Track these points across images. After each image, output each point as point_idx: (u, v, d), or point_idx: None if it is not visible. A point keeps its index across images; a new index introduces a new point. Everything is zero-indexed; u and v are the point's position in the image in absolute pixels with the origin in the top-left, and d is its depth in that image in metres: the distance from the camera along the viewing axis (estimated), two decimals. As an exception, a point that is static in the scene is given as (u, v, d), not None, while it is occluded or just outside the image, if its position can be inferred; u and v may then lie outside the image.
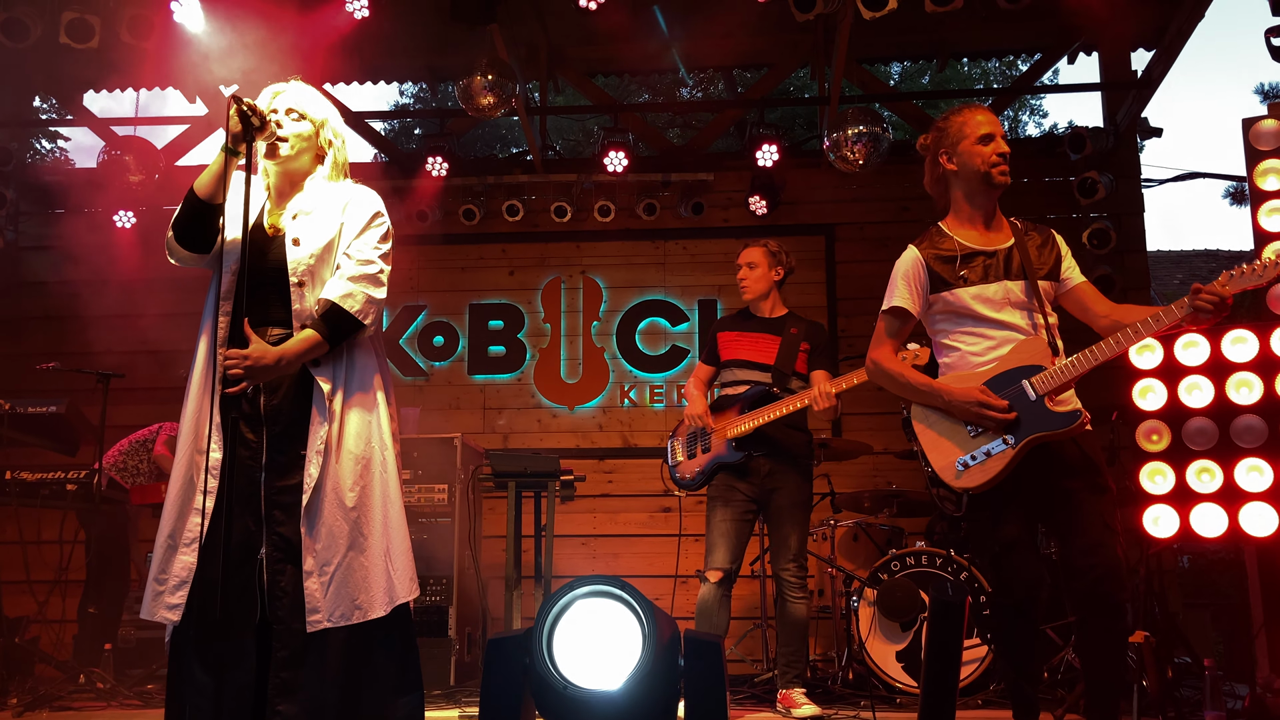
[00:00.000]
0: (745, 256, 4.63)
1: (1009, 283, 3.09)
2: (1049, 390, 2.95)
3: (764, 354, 4.45)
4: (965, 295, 3.10)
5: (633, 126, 7.44)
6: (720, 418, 4.41)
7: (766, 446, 4.33)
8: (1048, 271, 3.14)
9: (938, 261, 3.16)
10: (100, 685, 4.85)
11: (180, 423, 2.72)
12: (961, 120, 3.18)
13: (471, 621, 5.60)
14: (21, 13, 5.63)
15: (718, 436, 4.37)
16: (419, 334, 7.35)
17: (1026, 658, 3.06)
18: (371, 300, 2.74)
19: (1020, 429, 2.95)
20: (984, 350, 3.10)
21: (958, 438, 3.06)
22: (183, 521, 2.63)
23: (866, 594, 4.93)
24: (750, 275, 4.58)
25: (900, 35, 7.36)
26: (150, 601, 2.62)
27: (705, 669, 2.12)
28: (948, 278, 3.13)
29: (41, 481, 4.98)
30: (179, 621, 2.58)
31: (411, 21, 6.50)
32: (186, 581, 2.58)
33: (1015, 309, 3.08)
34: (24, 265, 7.44)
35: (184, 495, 2.65)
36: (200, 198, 2.71)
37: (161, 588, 2.61)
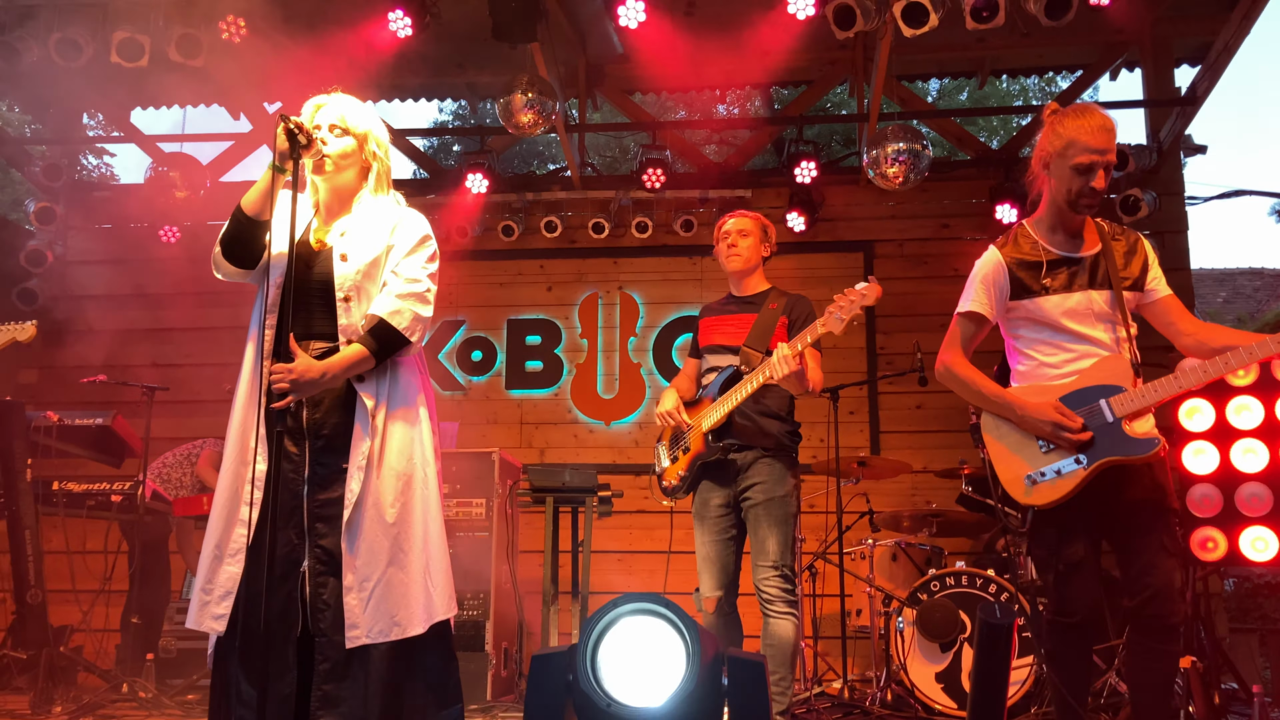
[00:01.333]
0: (736, 224, 4.05)
1: (1093, 292, 2.95)
2: (1128, 413, 2.83)
3: (736, 334, 3.93)
4: (1047, 305, 2.97)
5: (670, 143, 7.47)
6: (695, 412, 3.89)
7: (740, 437, 3.78)
8: (1133, 281, 2.98)
9: (1020, 267, 3.03)
10: (143, 694, 4.90)
11: (227, 435, 2.76)
12: (1071, 136, 2.94)
13: (508, 636, 5.61)
14: (74, 33, 5.76)
15: (695, 433, 3.85)
16: (458, 349, 7.40)
17: (1080, 679, 2.95)
18: (419, 318, 2.76)
19: (1094, 450, 2.83)
20: (1061, 363, 2.98)
21: (1028, 452, 2.94)
22: (228, 532, 2.66)
23: (905, 614, 4.88)
24: (741, 243, 4.01)
25: (940, 52, 7.34)
26: (197, 611, 2.65)
27: (749, 688, 2.11)
28: (1030, 285, 3.00)
29: (88, 492, 5.06)
30: (224, 632, 2.60)
31: (452, 40, 6.58)
32: (231, 592, 2.60)
33: (1099, 321, 2.95)
34: (71, 279, 7.57)
35: (230, 506, 2.68)
36: (247, 214, 2.74)
37: (208, 598, 2.63)
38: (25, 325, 3.35)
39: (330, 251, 2.77)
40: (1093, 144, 2.90)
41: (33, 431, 4.83)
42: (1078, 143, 2.91)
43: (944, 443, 6.68)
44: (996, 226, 6.85)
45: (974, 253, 7.54)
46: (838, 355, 6.61)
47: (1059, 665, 2.99)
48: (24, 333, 3.34)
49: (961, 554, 5.63)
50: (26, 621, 4.67)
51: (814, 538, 6.18)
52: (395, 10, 5.57)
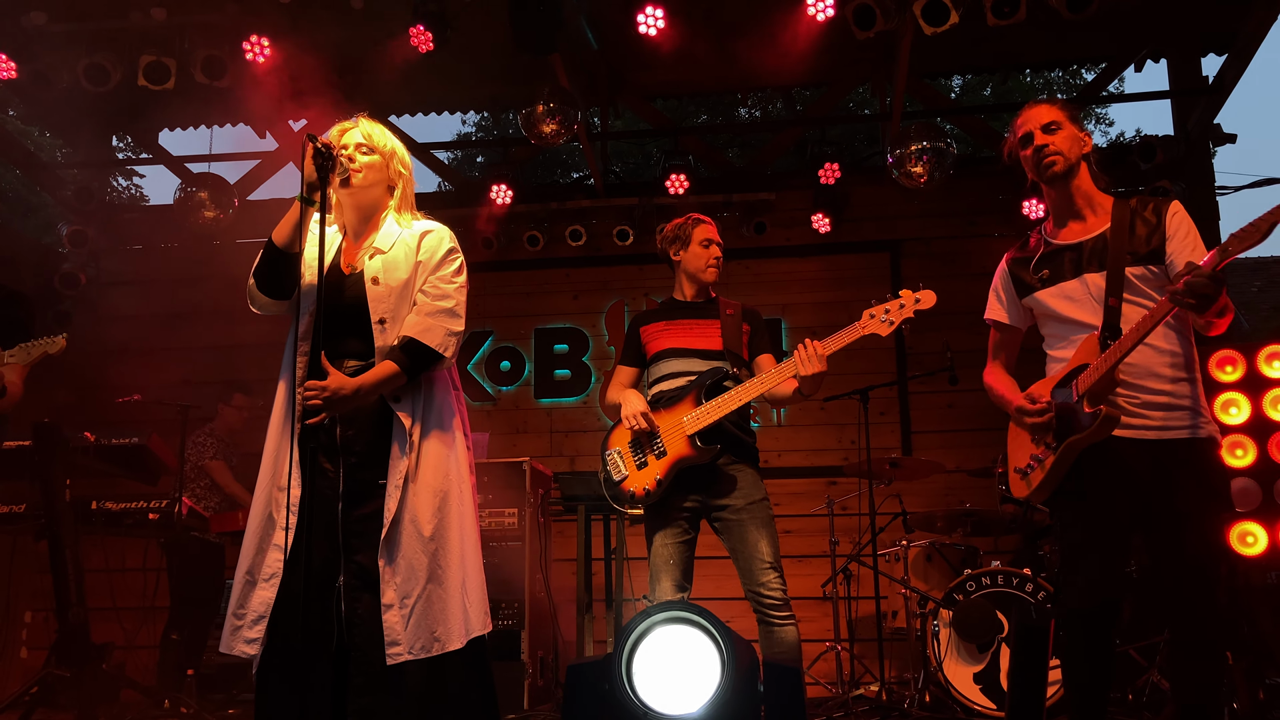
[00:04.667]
0: (710, 232, 3.94)
1: (1088, 275, 2.94)
2: (1085, 389, 2.80)
3: (705, 338, 3.79)
4: (1043, 297, 3.02)
5: (692, 148, 7.47)
6: (664, 416, 3.68)
7: (725, 442, 3.64)
8: (1148, 253, 2.88)
9: (1017, 265, 3.09)
10: (184, 710, 4.95)
11: (262, 461, 2.79)
12: (1015, 126, 3.10)
13: (544, 645, 5.62)
14: (102, 58, 5.84)
15: (673, 436, 3.62)
16: (486, 359, 7.43)
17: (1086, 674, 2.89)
18: (450, 333, 2.80)
19: (1059, 433, 2.86)
20: (1062, 353, 2.99)
21: (1022, 446, 3.01)
22: (261, 557, 2.68)
23: (942, 615, 4.85)
24: (720, 254, 3.94)
25: (962, 48, 7.30)
26: (229, 636, 2.68)
27: (786, 695, 2.11)
28: (1028, 280, 3.05)
29: (125, 511, 5.11)
30: (256, 655, 2.62)
31: (474, 52, 6.60)
32: (264, 616, 2.62)
33: (1099, 303, 2.90)
34: (104, 300, 7.66)
35: (263, 530, 2.71)
36: (279, 247, 2.77)
37: (240, 622, 2.66)
38: (55, 339, 3.39)
39: (361, 275, 2.81)
40: (1020, 120, 3.06)
41: (70, 452, 4.88)
42: (1016, 124, 3.08)
43: (977, 441, 6.63)
44: (1024, 222, 6.80)
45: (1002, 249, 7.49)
46: (866, 356, 6.57)
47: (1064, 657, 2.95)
48: (54, 345, 3.38)
49: (997, 553, 5.58)
50: (69, 640, 4.72)
51: (847, 540, 6.15)
52: (416, 25, 5.60)
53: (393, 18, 5.81)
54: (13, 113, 13.83)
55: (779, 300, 7.15)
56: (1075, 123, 3.04)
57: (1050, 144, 2.98)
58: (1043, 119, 3.02)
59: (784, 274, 7.25)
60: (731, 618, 3.36)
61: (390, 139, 2.95)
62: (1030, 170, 3.05)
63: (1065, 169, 2.98)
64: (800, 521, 6.60)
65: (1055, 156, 2.98)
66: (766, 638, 3.55)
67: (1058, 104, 3.06)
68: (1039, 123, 3.02)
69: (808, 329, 7.03)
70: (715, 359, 3.75)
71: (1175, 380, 2.85)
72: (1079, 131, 3.03)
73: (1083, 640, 2.89)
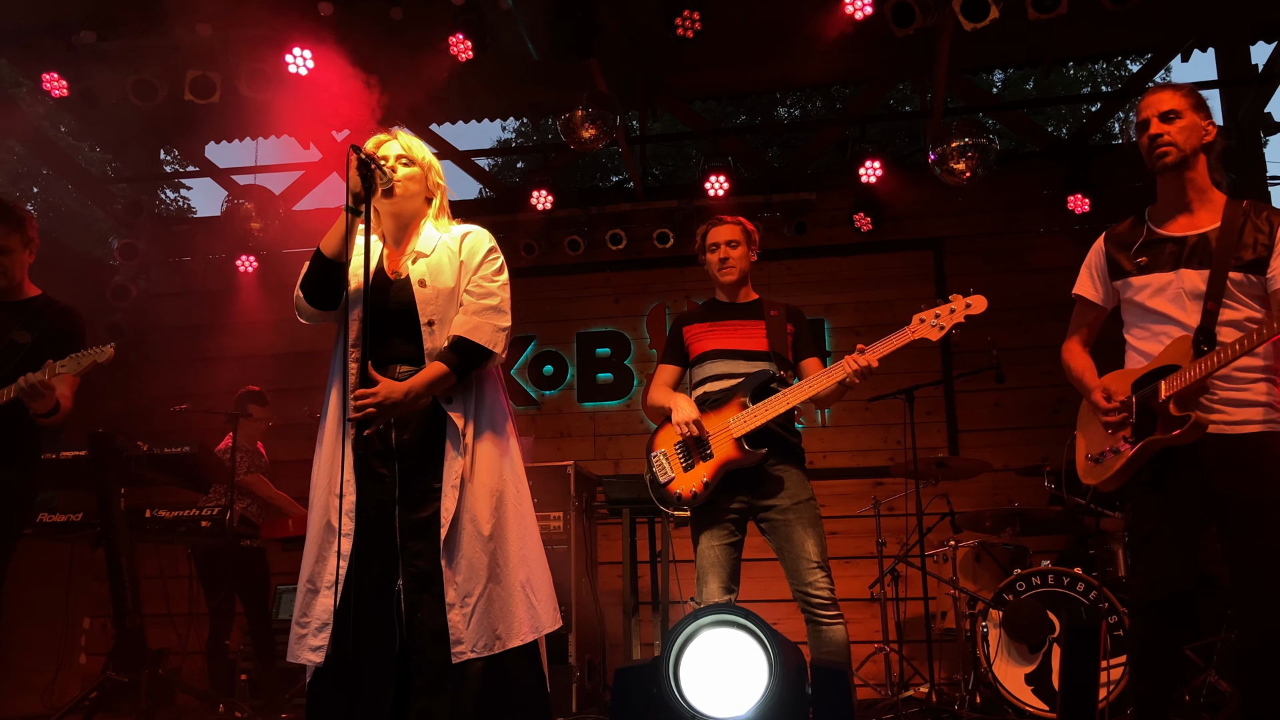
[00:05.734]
0: (723, 234, 3.94)
1: (1185, 271, 2.88)
2: (1175, 392, 2.78)
3: (750, 340, 3.78)
4: (1134, 283, 2.96)
5: (732, 149, 7.45)
6: (711, 418, 3.68)
7: (771, 444, 3.64)
8: (1250, 260, 2.83)
9: (1116, 246, 3.03)
10: (238, 715, 5.03)
11: (313, 467, 2.83)
12: (1138, 108, 3.03)
13: (591, 648, 5.63)
14: (149, 74, 5.95)
15: (721, 438, 3.62)
16: (529, 364, 7.46)
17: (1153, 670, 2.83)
18: (498, 329, 2.83)
19: (1140, 431, 2.85)
20: (1146, 346, 2.96)
21: (1096, 434, 2.98)
22: (322, 565, 2.72)
23: (991, 615, 4.79)
24: (733, 254, 3.89)
25: (1002, 43, 7.22)
26: (294, 645, 2.71)
27: (834, 698, 2.10)
28: (1123, 264, 2.99)
29: (178, 519, 5.21)
30: (321, 663, 2.65)
31: (512, 59, 6.64)
32: (328, 624, 2.65)
33: (1191, 300, 2.85)
34: (155, 311, 7.81)
35: (322, 538, 2.74)
36: (328, 257, 2.81)
37: (304, 631, 2.69)
38: (104, 348, 3.45)
39: (407, 280, 2.84)
40: (1142, 103, 3.02)
41: (124, 461, 4.98)
42: (1137, 110, 3.03)
43: (1025, 440, 6.56)
44: (1069, 217, 6.72)
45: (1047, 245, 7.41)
46: (911, 355, 6.46)
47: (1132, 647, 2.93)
48: (103, 354, 3.44)
49: (1047, 553, 5.51)
50: (126, 646, 4.81)
51: (894, 541, 6.10)
52: (455, 34, 5.64)
53: (432, 27, 5.86)
54: (64, 129, 14.16)
55: (821, 300, 7.11)
56: (1197, 111, 2.95)
57: (1166, 133, 2.92)
58: (1162, 106, 2.95)
59: (826, 274, 7.22)
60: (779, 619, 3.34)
61: (428, 151, 3.01)
62: (1144, 157, 3.00)
63: (1177, 160, 2.92)
64: (847, 522, 6.56)
65: (1168, 147, 2.92)
66: (815, 638, 3.53)
67: (1181, 91, 2.97)
68: (1157, 110, 2.95)
69: (850, 329, 7.01)
70: (761, 360, 3.73)
71: (1254, 379, 2.84)
72: (1200, 121, 2.95)
73: (1151, 632, 2.85)
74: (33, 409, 3.40)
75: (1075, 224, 6.74)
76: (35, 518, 5.03)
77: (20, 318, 3.62)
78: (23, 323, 3.61)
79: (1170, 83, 3.06)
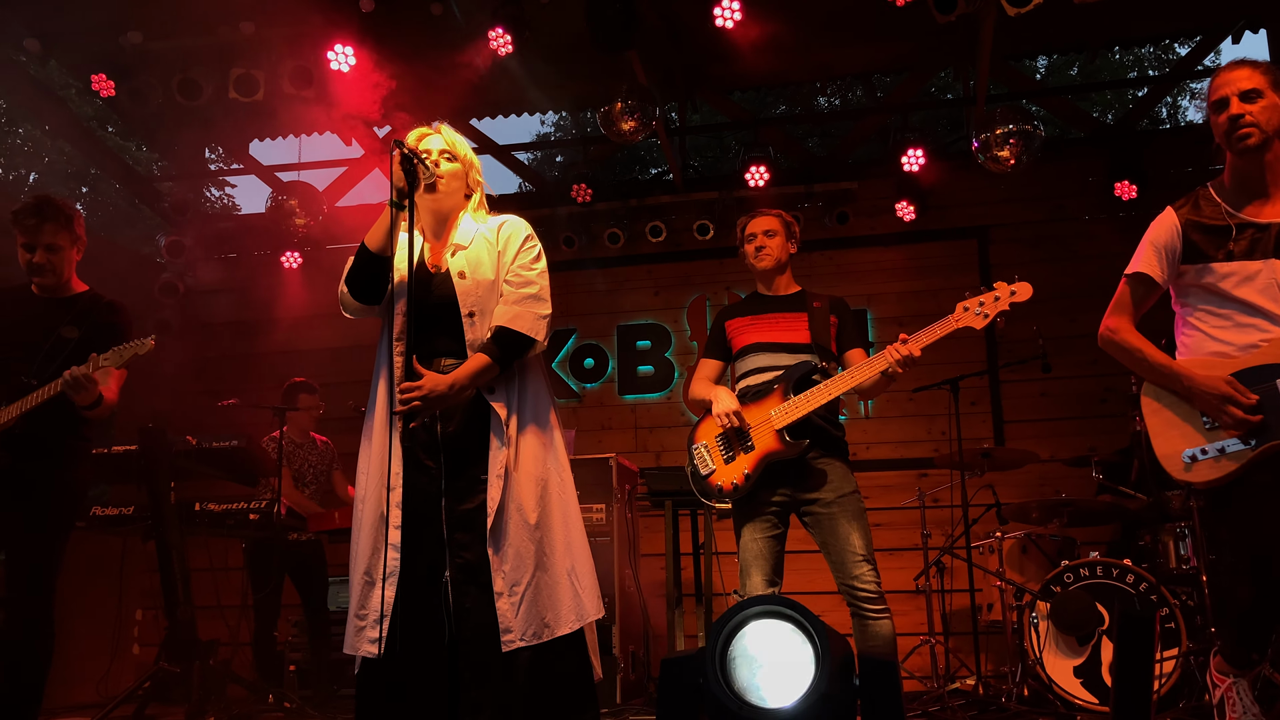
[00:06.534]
0: (760, 224, 3.91)
1: (1276, 262, 2.75)
2: None
3: (792, 332, 3.75)
4: (1222, 271, 2.81)
5: (772, 140, 7.41)
6: (752, 410, 3.66)
7: (814, 437, 3.61)
8: None
9: (1198, 229, 2.87)
10: (287, 705, 5.09)
11: (359, 459, 2.85)
12: (1212, 87, 2.88)
13: (635, 640, 5.65)
14: (194, 73, 6.03)
15: (762, 430, 3.60)
16: (570, 357, 7.49)
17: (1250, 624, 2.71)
18: (539, 317, 2.85)
19: (1266, 432, 2.66)
20: (1228, 335, 2.81)
21: (1191, 427, 2.79)
22: (377, 557, 2.74)
23: (1039, 607, 4.74)
24: (770, 243, 3.86)
25: (1046, 27, 7.11)
26: (353, 636, 2.74)
27: (882, 690, 2.08)
28: (1206, 249, 2.84)
29: (227, 512, 5.27)
30: (380, 654, 2.67)
31: (551, 52, 6.65)
32: (386, 615, 2.68)
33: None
34: (202, 308, 7.92)
35: (375, 530, 2.77)
36: (373, 252, 2.84)
37: (362, 623, 2.73)
38: (145, 340, 3.51)
39: (447, 273, 2.86)
40: (1217, 82, 2.85)
41: (174, 455, 5.06)
42: (1213, 85, 2.87)
43: (1072, 430, 6.48)
44: (1115, 204, 6.61)
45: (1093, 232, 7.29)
46: (956, 345, 6.42)
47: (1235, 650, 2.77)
48: (144, 346, 3.49)
49: (1095, 544, 5.43)
50: (178, 637, 4.89)
51: (939, 532, 6.06)
52: (495, 29, 5.66)
53: (472, 21, 5.88)
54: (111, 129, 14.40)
55: (864, 291, 7.06)
56: (1277, 90, 2.81)
57: (1248, 114, 2.77)
58: (1242, 85, 2.80)
59: (868, 264, 7.17)
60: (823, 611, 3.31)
61: (468, 147, 3.03)
62: (1219, 138, 2.86)
63: (1260, 142, 2.78)
64: (891, 514, 6.53)
65: (1251, 129, 2.77)
66: (861, 631, 3.50)
67: (1261, 68, 2.83)
68: (1237, 89, 2.80)
69: (894, 319, 6.96)
70: (803, 353, 3.70)
71: None
72: None
73: None
74: (76, 401, 3.46)
75: (1122, 211, 6.63)
76: (88, 511, 5.12)
77: (68, 313, 3.69)
78: (70, 318, 3.68)
79: (1247, 59, 2.88)
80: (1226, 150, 2.85)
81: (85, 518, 5.05)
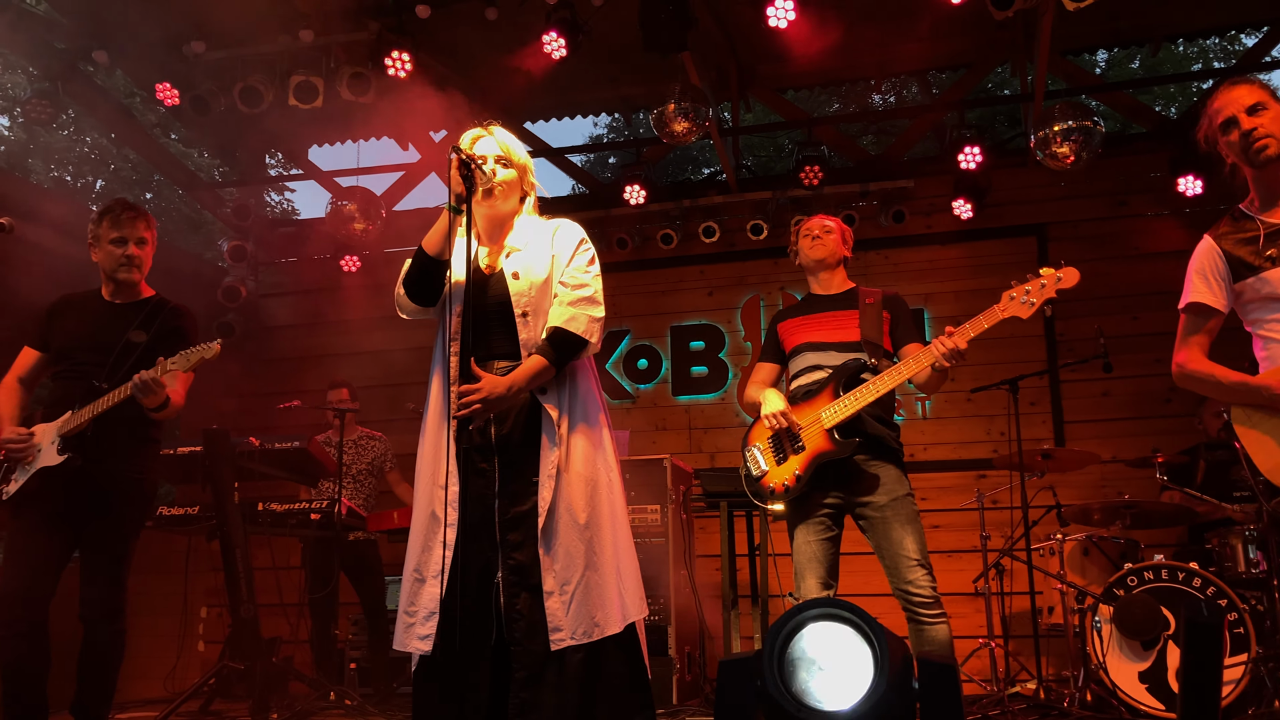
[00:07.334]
0: (817, 221, 3.92)
1: None
2: None
3: (842, 331, 3.72)
4: (1269, 278, 2.82)
5: (826, 138, 7.37)
6: (803, 411, 3.62)
7: (863, 434, 3.56)
8: None
9: (1237, 245, 2.89)
10: (348, 702, 5.17)
11: (418, 459, 2.89)
12: (1212, 110, 2.95)
13: (690, 641, 5.65)
14: (255, 81, 6.15)
15: (812, 430, 3.57)
16: (623, 358, 7.50)
17: None
18: (593, 319, 2.87)
19: None
20: None
21: None
22: (428, 555, 2.78)
23: (1102, 611, 4.66)
24: (826, 237, 3.85)
25: (1106, 21, 6.99)
26: (402, 633, 2.78)
27: (943, 694, 2.06)
28: (1251, 261, 2.86)
29: (289, 511, 5.37)
30: (429, 651, 2.71)
31: (604, 55, 6.68)
32: (435, 613, 2.71)
33: None
34: (264, 312, 8.07)
35: (428, 528, 2.81)
36: (430, 255, 2.88)
37: (412, 619, 2.76)
38: (211, 344, 3.58)
39: (501, 274, 2.89)
40: (1220, 103, 2.91)
41: (238, 456, 5.16)
42: (1212, 112, 2.93)
43: (1134, 430, 6.36)
44: (1179, 200, 6.48)
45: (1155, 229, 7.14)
46: (1015, 344, 6.39)
47: None
48: (210, 350, 3.57)
49: (1160, 547, 5.34)
50: (241, 634, 4.99)
51: (998, 534, 5.98)
52: (549, 33, 5.69)
53: (526, 26, 5.92)
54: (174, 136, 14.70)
55: (921, 290, 7.00)
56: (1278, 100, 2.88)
57: (1259, 126, 2.83)
58: (1245, 101, 2.87)
59: (925, 263, 7.10)
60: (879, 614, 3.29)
61: (523, 152, 3.05)
62: (1236, 155, 2.90)
63: (1279, 151, 2.83)
64: (949, 516, 6.46)
65: (1267, 140, 2.83)
66: (916, 636, 3.46)
67: (1256, 83, 2.90)
68: (1241, 106, 2.87)
69: (951, 319, 6.81)
70: (852, 350, 3.66)
71: None
72: None
73: None
74: (145, 404, 3.55)
75: (1186, 207, 6.50)
76: (154, 511, 5.24)
77: (136, 318, 3.79)
78: (139, 322, 3.77)
79: (1240, 78, 2.97)
80: (1245, 166, 2.90)
81: (152, 517, 5.16)
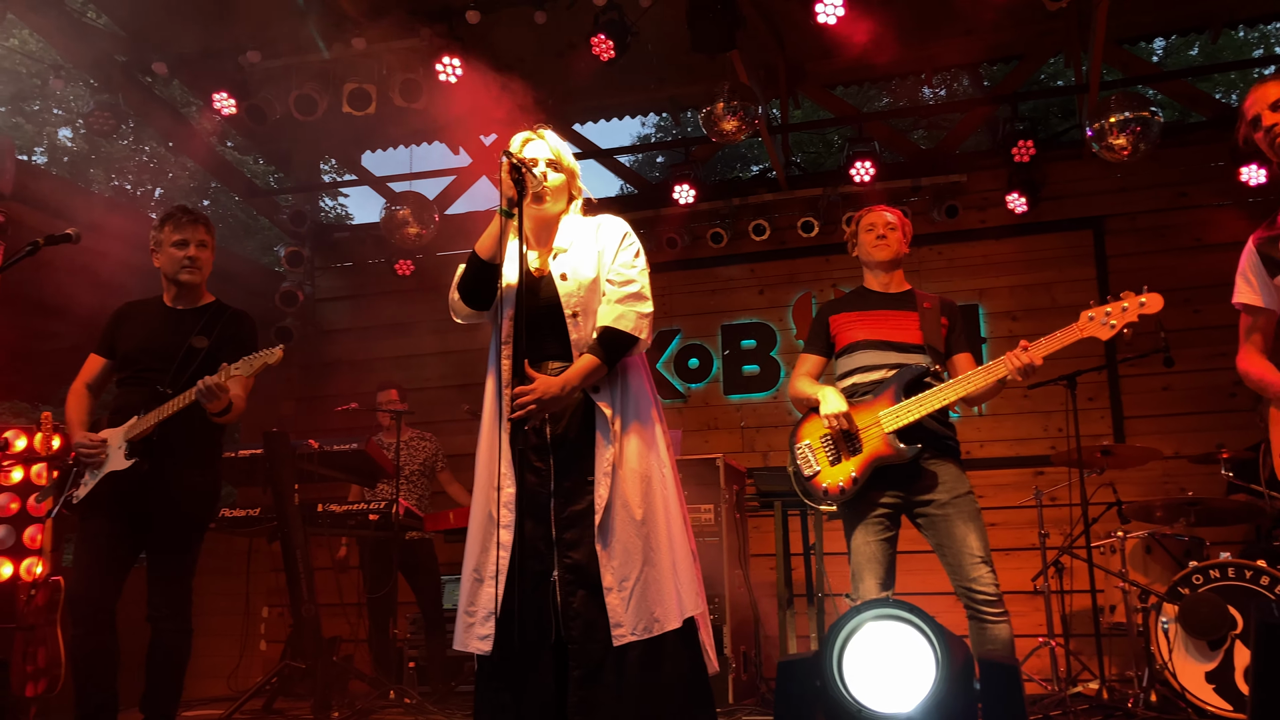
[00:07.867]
0: (884, 215, 3.84)
1: None
2: None
3: (903, 331, 3.64)
4: None
5: (876, 133, 7.32)
6: (860, 411, 3.55)
7: (924, 438, 3.52)
8: None
9: (1268, 243, 2.89)
10: (407, 701, 5.24)
11: (476, 460, 2.93)
12: (1244, 109, 2.94)
13: (746, 640, 5.64)
14: (310, 89, 6.25)
15: (871, 433, 3.51)
16: (674, 357, 7.51)
17: None
18: (642, 315, 2.88)
19: None
20: None
21: None
22: (486, 555, 2.81)
23: (1166, 610, 4.58)
24: (891, 235, 3.78)
25: (1163, 8, 6.87)
26: (462, 633, 2.81)
27: (1005, 694, 2.05)
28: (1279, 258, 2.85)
29: (348, 513, 5.45)
30: (489, 651, 2.73)
31: (652, 55, 6.69)
32: (494, 613, 2.74)
33: None
34: (320, 316, 8.19)
35: (485, 529, 2.83)
36: (484, 259, 2.91)
37: (471, 620, 2.79)
38: (274, 350, 3.63)
39: (550, 275, 2.91)
40: (1247, 103, 2.90)
41: (297, 458, 5.24)
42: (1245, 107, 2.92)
43: (1197, 425, 6.24)
44: (1241, 190, 6.34)
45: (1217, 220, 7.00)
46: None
47: None
48: (273, 357, 3.62)
49: (1226, 544, 5.22)
50: (302, 634, 5.07)
51: (1058, 532, 5.90)
52: (597, 34, 5.72)
53: (575, 29, 5.95)
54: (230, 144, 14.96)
55: (974, 285, 6.92)
56: None
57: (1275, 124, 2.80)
58: (1270, 98, 2.84)
59: (979, 258, 7.01)
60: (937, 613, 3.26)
61: (571, 156, 3.08)
62: (1267, 152, 2.88)
63: None
64: (1006, 513, 6.38)
65: None
66: (978, 634, 3.41)
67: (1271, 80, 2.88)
68: (1267, 103, 2.84)
69: (1006, 314, 6.80)
70: (914, 353, 3.60)
71: None
72: None
73: None
74: (208, 409, 3.62)
75: (1250, 196, 6.35)
76: (218, 513, 5.34)
77: (197, 323, 3.87)
78: (200, 328, 3.85)
79: (1273, 74, 2.94)
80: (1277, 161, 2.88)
81: (215, 519, 5.27)
